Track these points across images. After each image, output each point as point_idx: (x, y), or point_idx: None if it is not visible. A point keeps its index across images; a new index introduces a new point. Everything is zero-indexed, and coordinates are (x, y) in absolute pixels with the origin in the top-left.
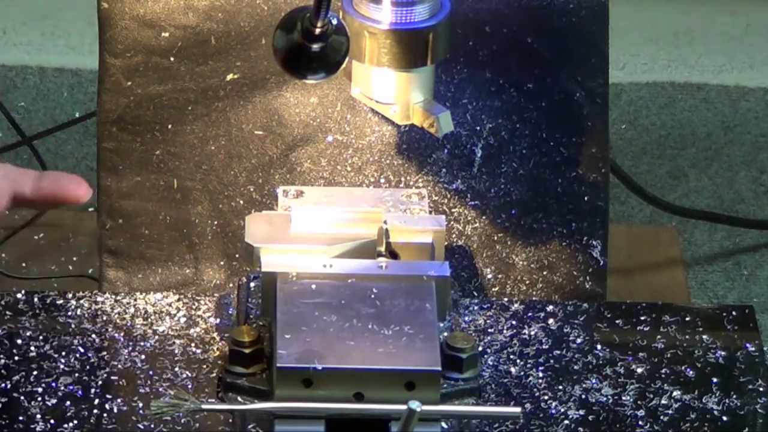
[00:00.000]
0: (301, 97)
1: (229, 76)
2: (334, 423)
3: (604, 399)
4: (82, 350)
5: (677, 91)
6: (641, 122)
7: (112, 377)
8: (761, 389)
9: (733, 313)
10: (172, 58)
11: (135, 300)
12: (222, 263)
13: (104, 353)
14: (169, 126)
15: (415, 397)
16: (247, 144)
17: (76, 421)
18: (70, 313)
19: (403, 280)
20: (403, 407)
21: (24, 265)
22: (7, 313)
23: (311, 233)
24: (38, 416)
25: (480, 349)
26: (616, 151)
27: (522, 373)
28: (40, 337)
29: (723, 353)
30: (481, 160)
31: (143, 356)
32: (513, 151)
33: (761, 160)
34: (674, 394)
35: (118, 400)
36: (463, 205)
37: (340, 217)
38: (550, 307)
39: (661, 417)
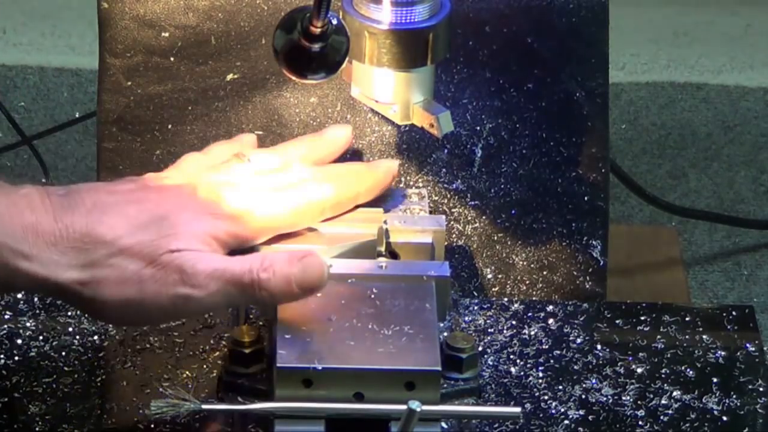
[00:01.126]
0: (301, 97)
1: (229, 76)
2: (334, 423)
3: (604, 399)
4: (82, 350)
5: (677, 91)
6: (641, 122)
7: (112, 377)
8: (761, 389)
9: (733, 313)
10: (172, 58)
11: None
12: None
13: (104, 353)
14: (169, 126)
15: (415, 397)
16: None
17: (76, 421)
18: (70, 313)
19: (403, 280)
20: (403, 407)
21: None
22: (7, 313)
23: (311, 233)
24: (38, 416)
25: (480, 349)
26: (616, 151)
27: (522, 373)
28: (40, 337)
29: (723, 353)
30: (481, 160)
31: (143, 356)
32: (513, 151)
33: (761, 160)
34: (674, 394)
35: (118, 400)
36: (463, 205)
37: (340, 217)
38: (550, 307)
39: (661, 417)
